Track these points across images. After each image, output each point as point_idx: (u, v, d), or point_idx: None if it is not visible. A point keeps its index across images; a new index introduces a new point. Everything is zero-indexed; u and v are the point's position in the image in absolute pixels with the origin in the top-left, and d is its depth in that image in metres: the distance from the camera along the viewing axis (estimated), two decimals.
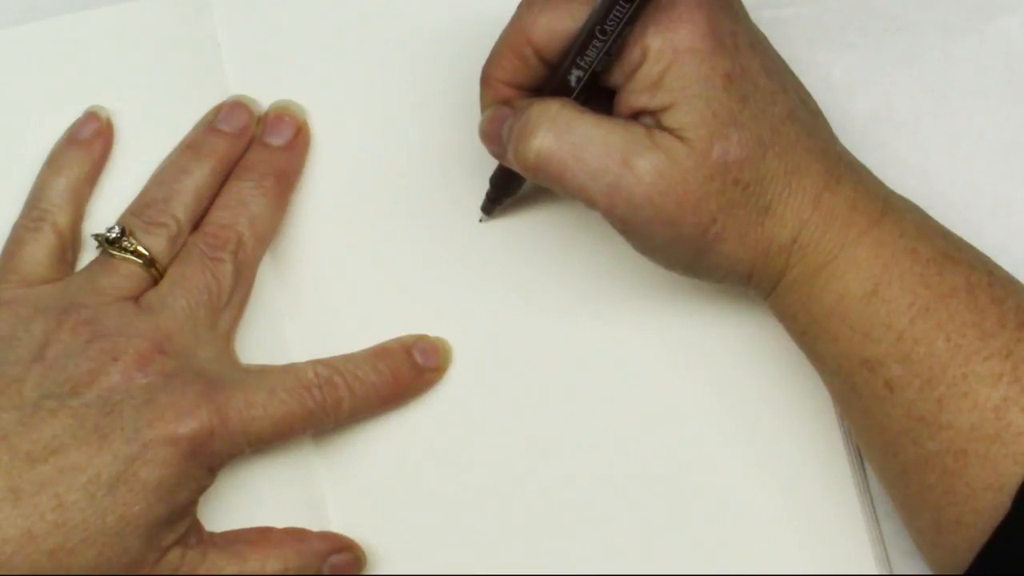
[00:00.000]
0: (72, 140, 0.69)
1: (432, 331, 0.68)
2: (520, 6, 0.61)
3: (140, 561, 0.61)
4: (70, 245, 0.67)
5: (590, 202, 0.60)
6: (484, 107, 0.63)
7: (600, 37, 0.59)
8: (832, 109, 0.67)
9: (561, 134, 0.59)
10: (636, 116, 0.60)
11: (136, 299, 0.65)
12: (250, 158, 0.68)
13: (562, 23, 0.60)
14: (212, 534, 0.65)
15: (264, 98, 0.69)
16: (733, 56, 0.59)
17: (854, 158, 0.62)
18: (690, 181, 0.58)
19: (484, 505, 0.67)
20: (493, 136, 0.62)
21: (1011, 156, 0.67)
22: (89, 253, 0.67)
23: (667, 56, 0.58)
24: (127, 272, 0.65)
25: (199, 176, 0.67)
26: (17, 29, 0.70)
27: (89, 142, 0.68)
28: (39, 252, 0.66)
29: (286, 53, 0.69)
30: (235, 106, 0.68)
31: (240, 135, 0.68)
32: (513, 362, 0.67)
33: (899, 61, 0.68)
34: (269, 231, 0.67)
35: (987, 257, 0.61)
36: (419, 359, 0.67)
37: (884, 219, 0.60)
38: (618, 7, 0.58)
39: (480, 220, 0.68)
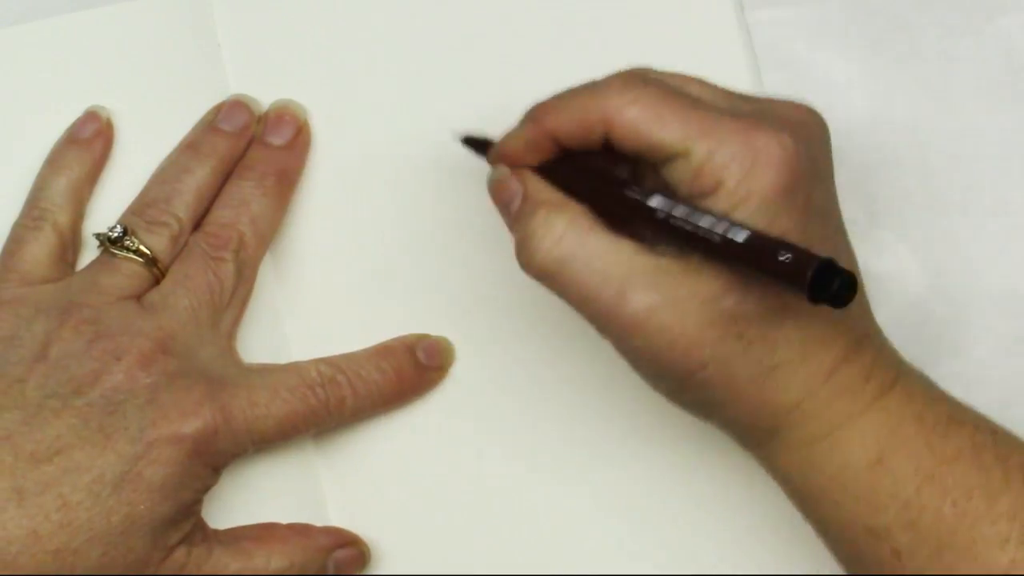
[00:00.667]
0: (72, 140, 0.68)
1: (434, 330, 0.68)
2: (613, 80, 0.58)
3: (145, 560, 0.61)
4: (71, 244, 0.67)
5: (586, 318, 0.59)
6: (516, 136, 0.60)
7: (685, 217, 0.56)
8: (832, 109, 0.67)
9: (563, 256, 0.58)
10: None
11: (138, 298, 0.65)
12: (251, 157, 0.68)
13: (648, 128, 0.57)
14: (216, 531, 0.65)
15: (264, 98, 0.69)
16: (797, 219, 0.56)
17: (877, 326, 0.60)
18: (688, 324, 0.56)
19: (485, 505, 0.67)
20: (500, 201, 0.61)
21: (1011, 156, 0.67)
22: (90, 253, 0.67)
23: (737, 197, 0.56)
24: (128, 271, 0.65)
25: (200, 175, 0.67)
26: (17, 28, 0.70)
27: (89, 142, 0.68)
28: (39, 251, 0.66)
29: (286, 53, 0.69)
30: (235, 105, 0.68)
31: (240, 134, 0.68)
32: (516, 361, 0.67)
33: (899, 61, 0.68)
34: (270, 230, 0.67)
35: (989, 417, 0.59)
36: (422, 358, 0.67)
37: (895, 386, 0.58)
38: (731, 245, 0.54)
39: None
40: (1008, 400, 0.66)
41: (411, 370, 0.67)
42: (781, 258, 0.52)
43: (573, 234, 0.58)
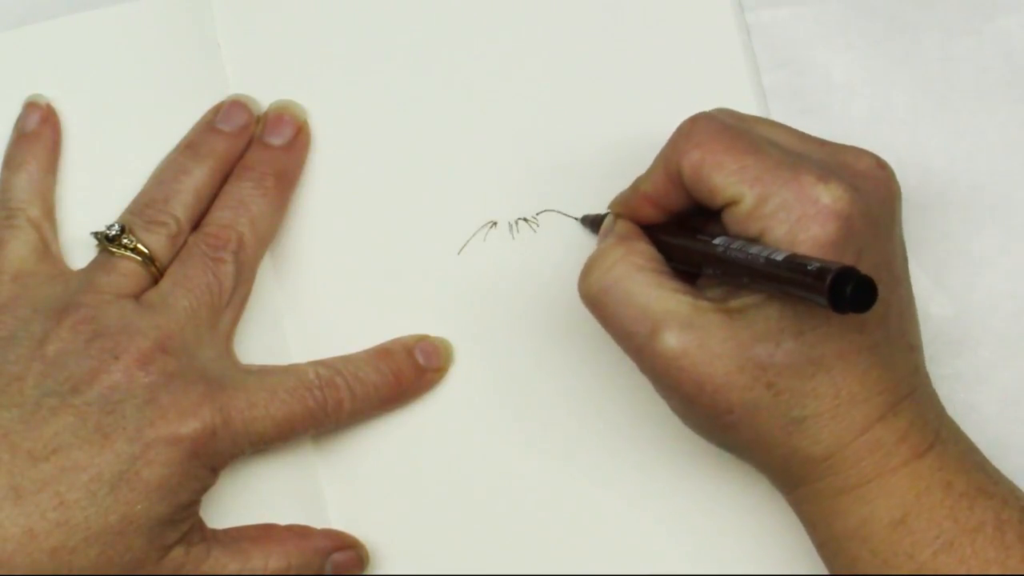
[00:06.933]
0: (21, 135, 0.69)
1: (433, 331, 0.68)
2: (684, 125, 0.60)
3: (143, 560, 0.61)
4: (52, 236, 0.68)
5: (625, 353, 0.60)
6: (619, 200, 0.63)
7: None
8: (832, 109, 0.67)
9: (608, 287, 0.59)
10: None
11: (136, 298, 0.65)
12: (250, 158, 0.68)
13: (708, 172, 0.58)
14: (215, 531, 0.65)
15: (264, 98, 0.69)
16: None
17: (926, 387, 0.60)
18: (716, 367, 0.57)
19: (483, 505, 0.67)
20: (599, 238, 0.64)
21: (1011, 156, 0.67)
22: (88, 252, 0.67)
23: (785, 246, 0.56)
24: (126, 270, 0.65)
25: (198, 176, 0.67)
26: (19, 31, 0.70)
27: (38, 133, 0.69)
28: (22, 248, 0.67)
29: (286, 53, 0.69)
30: (234, 105, 0.68)
31: (239, 134, 0.68)
32: (515, 362, 0.67)
33: (899, 61, 0.68)
34: (269, 231, 0.67)
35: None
36: (421, 360, 0.67)
37: (929, 452, 0.58)
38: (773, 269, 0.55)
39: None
40: (1009, 400, 0.66)
41: (410, 372, 0.67)
42: (810, 267, 0.53)
43: (622, 267, 0.59)
